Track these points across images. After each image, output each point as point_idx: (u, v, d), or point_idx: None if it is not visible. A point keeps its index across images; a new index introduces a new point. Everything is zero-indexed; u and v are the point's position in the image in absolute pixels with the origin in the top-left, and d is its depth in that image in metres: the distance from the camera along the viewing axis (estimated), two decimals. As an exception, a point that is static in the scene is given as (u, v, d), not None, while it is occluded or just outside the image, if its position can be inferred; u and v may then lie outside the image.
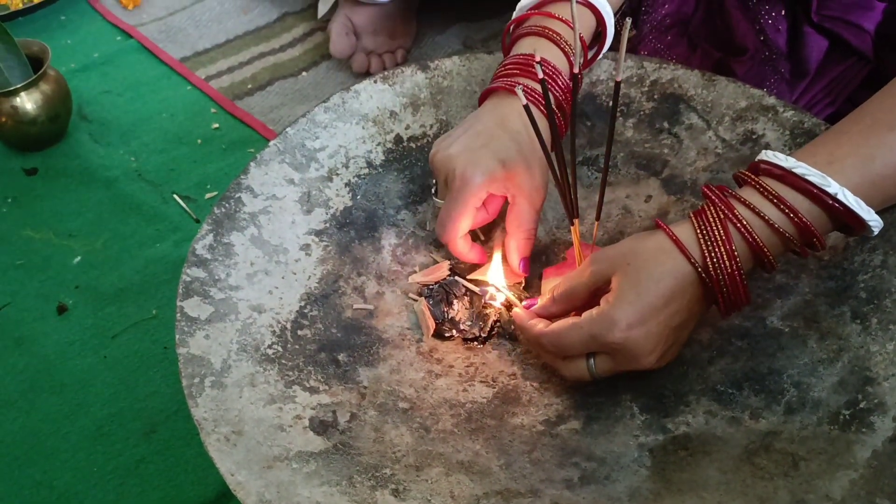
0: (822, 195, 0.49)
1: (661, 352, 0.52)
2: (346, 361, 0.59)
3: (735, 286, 0.50)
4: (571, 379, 0.56)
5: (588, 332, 0.51)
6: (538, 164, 0.61)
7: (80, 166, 0.99)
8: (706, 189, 0.52)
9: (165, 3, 1.26)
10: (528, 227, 0.62)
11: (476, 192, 0.59)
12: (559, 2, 0.65)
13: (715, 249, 0.50)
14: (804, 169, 0.50)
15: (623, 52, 0.53)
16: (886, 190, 0.51)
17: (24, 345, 0.80)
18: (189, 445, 0.71)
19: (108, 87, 1.11)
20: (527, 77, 0.62)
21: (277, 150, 0.66)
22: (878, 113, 0.52)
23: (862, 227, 0.51)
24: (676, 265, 0.51)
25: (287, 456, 0.50)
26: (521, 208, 0.61)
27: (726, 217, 0.50)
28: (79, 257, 0.88)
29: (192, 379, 0.52)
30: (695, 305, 0.52)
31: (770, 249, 0.50)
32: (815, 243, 0.51)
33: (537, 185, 0.61)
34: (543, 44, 0.63)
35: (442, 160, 0.61)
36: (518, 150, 0.60)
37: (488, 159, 0.59)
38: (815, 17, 0.71)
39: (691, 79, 0.68)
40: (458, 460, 0.52)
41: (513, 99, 0.62)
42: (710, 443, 0.52)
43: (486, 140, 0.60)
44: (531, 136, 0.60)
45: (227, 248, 0.61)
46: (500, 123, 0.61)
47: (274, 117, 1.04)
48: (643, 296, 0.50)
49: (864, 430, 0.49)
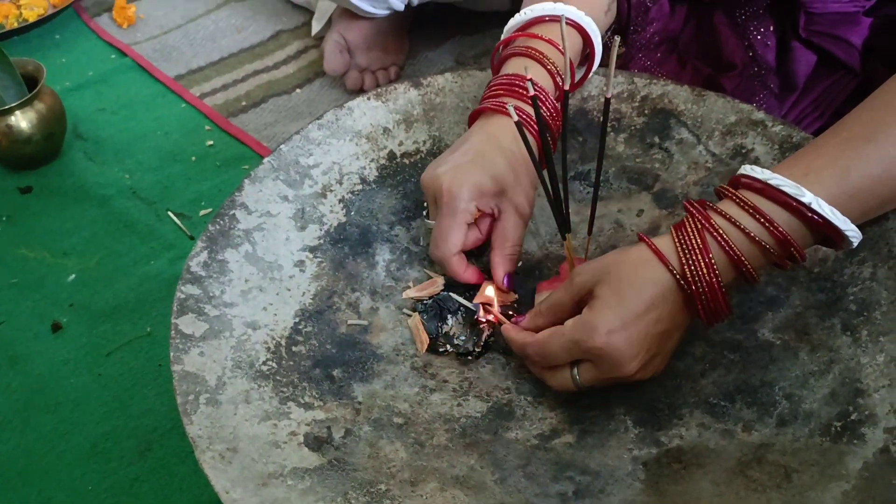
0: (799, 206, 0.50)
1: (643, 359, 0.52)
2: (341, 377, 0.59)
3: (714, 295, 0.51)
4: (557, 389, 0.56)
5: (570, 338, 0.52)
6: (526, 180, 0.62)
7: (74, 184, 0.99)
8: (687, 203, 0.53)
9: (160, 21, 1.27)
10: (514, 243, 0.63)
11: (465, 206, 0.60)
12: (546, 23, 0.66)
13: (692, 258, 0.51)
14: (779, 180, 0.51)
15: (612, 68, 0.53)
16: (864, 202, 0.51)
17: (19, 363, 0.80)
18: (184, 463, 0.70)
19: (103, 105, 1.12)
20: (514, 97, 0.63)
21: (271, 167, 0.67)
22: (855, 126, 0.52)
23: (840, 238, 0.51)
24: (656, 274, 0.52)
25: (282, 473, 0.50)
26: (508, 223, 0.62)
27: (703, 227, 0.51)
28: (73, 275, 0.88)
29: (186, 396, 0.53)
30: (677, 315, 0.53)
31: (749, 260, 0.51)
32: (794, 255, 0.51)
33: (524, 201, 0.62)
34: (530, 64, 0.64)
35: (430, 179, 0.62)
36: (505, 166, 0.61)
37: (475, 174, 0.60)
38: (803, 33, 0.72)
39: (681, 94, 0.69)
40: (452, 475, 0.52)
41: (500, 118, 0.63)
42: (703, 455, 0.52)
43: (473, 157, 0.61)
44: (520, 152, 0.61)
45: (221, 265, 0.61)
46: (487, 140, 0.62)
47: (268, 134, 1.05)
48: (624, 302, 0.51)
49: (856, 442, 0.49)
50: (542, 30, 0.66)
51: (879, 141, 0.50)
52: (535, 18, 0.66)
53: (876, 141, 0.50)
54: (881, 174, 0.50)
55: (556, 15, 0.65)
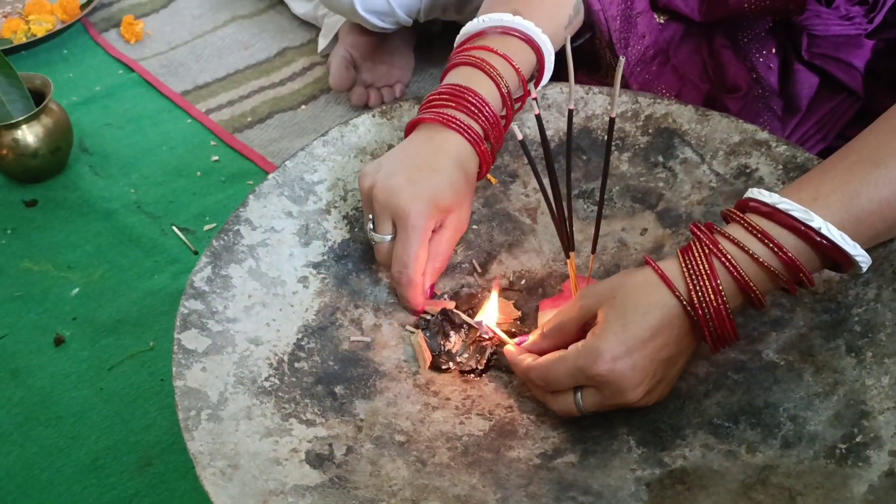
0: (807, 231, 0.50)
1: (647, 386, 0.52)
2: (343, 394, 0.59)
3: (721, 321, 0.51)
4: (560, 413, 0.56)
5: (574, 364, 0.52)
6: (469, 199, 0.65)
7: (79, 198, 1.00)
8: (693, 227, 0.53)
9: (167, 37, 1.28)
10: (445, 257, 0.65)
11: (427, 224, 0.61)
12: (499, 34, 0.65)
13: (700, 284, 0.50)
14: (788, 204, 0.50)
15: (617, 88, 0.54)
16: (873, 226, 0.51)
17: (20, 376, 0.80)
18: (184, 479, 0.70)
19: (110, 119, 1.12)
20: (457, 109, 0.62)
21: (276, 183, 0.67)
22: (863, 150, 0.52)
23: (849, 263, 0.51)
24: (662, 299, 0.51)
25: (283, 490, 0.50)
26: (444, 238, 0.63)
27: (711, 252, 0.51)
28: (77, 289, 0.88)
29: (188, 412, 0.52)
30: (682, 340, 0.52)
31: (757, 285, 0.51)
32: (802, 280, 0.51)
33: (464, 219, 0.65)
34: (475, 74, 0.63)
35: (384, 195, 0.61)
36: (456, 182, 0.62)
37: (432, 191, 0.60)
38: (806, 55, 0.72)
39: (685, 114, 0.69)
40: (454, 494, 0.52)
41: (444, 130, 0.62)
42: (706, 477, 0.52)
43: (428, 173, 0.61)
44: (465, 169, 0.62)
45: (225, 281, 0.61)
46: (436, 154, 0.62)
47: (273, 150, 1.05)
48: (629, 328, 0.51)
49: (861, 465, 0.49)
50: (498, 43, 0.65)
51: (887, 165, 0.50)
52: (491, 28, 0.65)
53: (884, 165, 0.50)
54: (890, 198, 0.50)
55: (513, 28, 0.65)
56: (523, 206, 0.71)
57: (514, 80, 0.64)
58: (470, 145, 0.62)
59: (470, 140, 0.62)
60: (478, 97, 0.62)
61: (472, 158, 0.63)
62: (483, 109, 0.62)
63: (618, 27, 0.74)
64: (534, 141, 0.71)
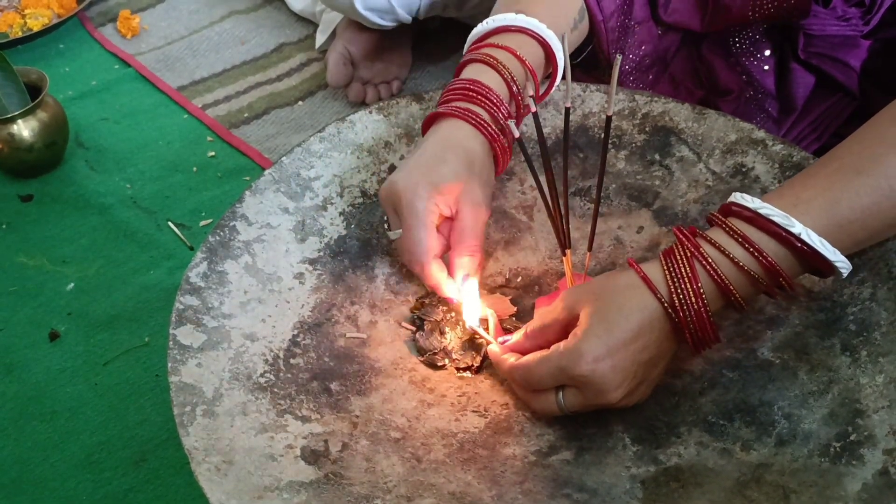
0: (788, 236, 0.50)
1: (628, 387, 0.52)
2: (339, 390, 0.59)
3: (702, 323, 0.51)
4: (542, 413, 0.56)
5: (556, 364, 0.52)
6: (482, 181, 0.62)
7: (75, 193, 1.00)
8: (676, 230, 0.53)
9: (164, 32, 1.28)
10: (471, 243, 0.61)
11: (425, 204, 0.59)
12: (508, 33, 0.65)
13: (681, 286, 0.51)
14: (769, 209, 0.51)
15: (614, 85, 0.54)
16: (854, 234, 0.51)
17: (15, 371, 0.80)
18: (179, 474, 0.70)
19: (106, 114, 1.12)
20: (468, 101, 0.62)
21: (272, 179, 0.67)
22: (845, 157, 0.52)
23: (830, 269, 0.51)
24: (644, 301, 0.52)
25: (278, 486, 0.50)
26: (464, 222, 0.61)
27: (693, 255, 0.51)
28: (72, 284, 0.88)
29: (183, 407, 0.52)
30: (664, 342, 0.53)
31: (737, 289, 0.51)
32: (783, 284, 0.51)
33: (479, 201, 0.61)
34: (479, 67, 0.64)
35: (386, 190, 0.61)
36: (458, 162, 0.60)
37: (428, 174, 0.60)
38: (802, 54, 0.72)
39: (682, 112, 0.69)
40: (449, 491, 0.52)
41: (453, 121, 0.62)
42: (701, 474, 0.52)
43: (427, 160, 0.61)
44: (475, 150, 0.61)
45: (220, 276, 0.61)
46: (439, 142, 0.61)
47: (270, 146, 1.05)
48: (611, 329, 0.51)
49: (855, 463, 0.49)
50: (503, 39, 0.65)
51: (870, 172, 0.51)
52: (497, 28, 0.66)
53: (867, 172, 0.51)
54: (871, 206, 0.50)
55: (517, 26, 0.65)
56: (520, 204, 0.71)
57: (519, 71, 0.64)
58: (469, 125, 0.61)
59: (469, 120, 0.61)
60: (478, 84, 0.62)
61: (472, 137, 0.62)
62: (484, 93, 0.62)
63: (615, 38, 0.74)
64: (531, 139, 0.71)
